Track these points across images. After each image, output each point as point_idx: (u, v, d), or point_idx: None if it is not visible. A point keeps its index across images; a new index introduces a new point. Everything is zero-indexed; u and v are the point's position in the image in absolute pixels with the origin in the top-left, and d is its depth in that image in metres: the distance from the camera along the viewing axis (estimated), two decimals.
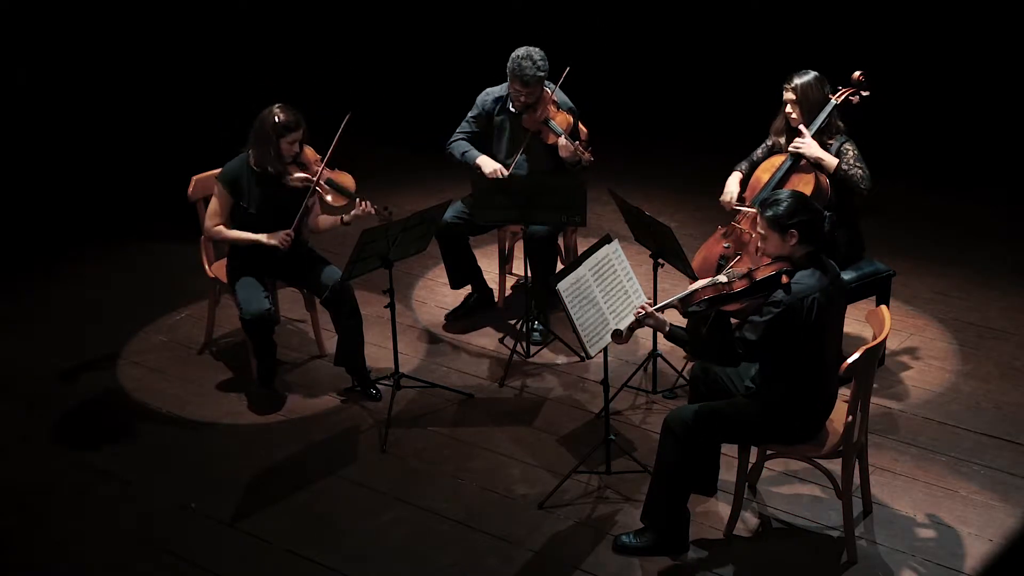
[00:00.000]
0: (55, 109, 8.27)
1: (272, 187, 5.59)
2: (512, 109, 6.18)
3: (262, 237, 5.56)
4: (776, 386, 4.44)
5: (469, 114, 6.30)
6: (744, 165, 5.82)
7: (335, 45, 9.56)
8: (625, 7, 10.12)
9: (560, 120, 6.04)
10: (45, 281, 7.10)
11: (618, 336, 4.50)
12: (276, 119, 5.47)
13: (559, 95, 6.15)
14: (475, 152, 6.20)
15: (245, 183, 5.59)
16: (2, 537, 4.87)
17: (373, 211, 5.59)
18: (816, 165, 5.49)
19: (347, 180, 5.65)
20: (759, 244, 4.47)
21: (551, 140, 6.04)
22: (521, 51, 5.99)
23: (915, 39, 9.18)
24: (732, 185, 5.74)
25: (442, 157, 6.37)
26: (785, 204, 4.35)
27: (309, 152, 5.66)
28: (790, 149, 5.53)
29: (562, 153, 6.01)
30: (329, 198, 5.58)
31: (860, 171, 5.47)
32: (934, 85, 9.04)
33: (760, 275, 4.38)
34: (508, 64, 6.00)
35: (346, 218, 5.68)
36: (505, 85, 6.16)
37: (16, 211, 7.86)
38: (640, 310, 4.48)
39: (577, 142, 5.98)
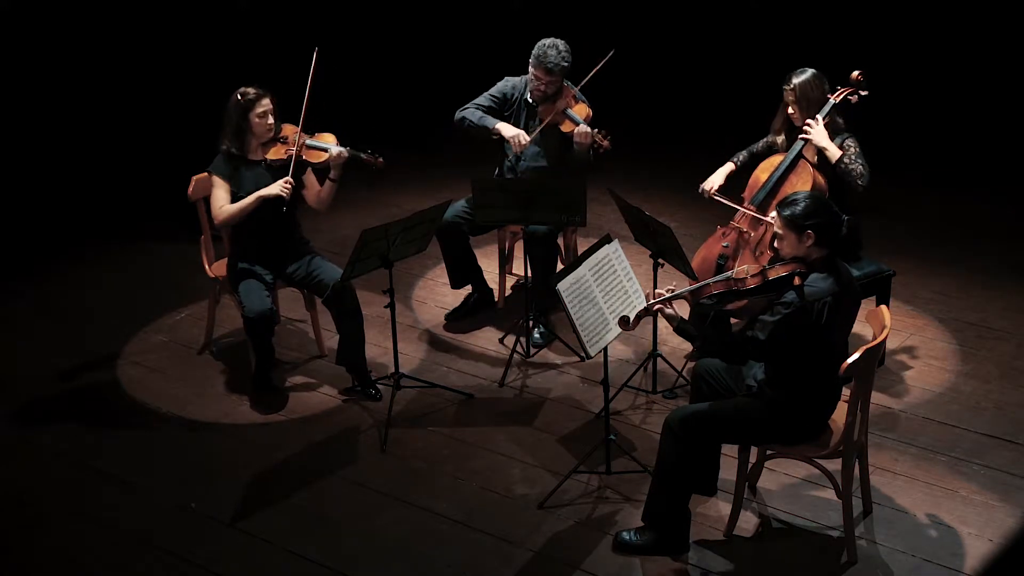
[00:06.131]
0: (55, 109, 8.26)
1: (258, 171, 5.64)
2: (530, 100, 6.19)
3: (262, 191, 5.57)
4: (782, 386, 4.43)
5: (488, 92, 6.30)
6: (742, 156, 5.84)
7: (335, 45, 9.55)
8: (625, 7, 10.12)
9: (578, 110, 6.08)
10: (45, 281, 7.10)
11: (625, 323, 4.49)
12: (239, 96, 5.55)
13: (579, 95, 6.17)
14: (492, 118, 6.20)
15: (233, 172, 5.63)
16: (2, 537, 4.87)
17: (346, 154, 5.61)
18: (819, 155, 5.49)
19: (327, 137, 5.71)
20: (776, 244, 4.46)
21: (568, 128, 6.05)
22: (547, 40, 6.06)
23: (914, 38, 9.19)
24: (718, 176, 5.80)
25: (440, 157, 6.38)
26: (803, 204, 4.35)
27: (290, 129, 5.69)
28: (800, 136, 5.54)
29: (578, 139, 6.00)
30: (313, 160, 5.64)
31: (860, 167, 5.47)
32: (934, 84, 9.04)
33: (773, 274, 4.38)
34: (533, 51, 6.04)
35: (332, 174, 5.70)
36: (525, 77, 6.18)
37: (15, 211, 7.85)
38: (651, 298, 4.50)
39: (595, 129, 5.99)
